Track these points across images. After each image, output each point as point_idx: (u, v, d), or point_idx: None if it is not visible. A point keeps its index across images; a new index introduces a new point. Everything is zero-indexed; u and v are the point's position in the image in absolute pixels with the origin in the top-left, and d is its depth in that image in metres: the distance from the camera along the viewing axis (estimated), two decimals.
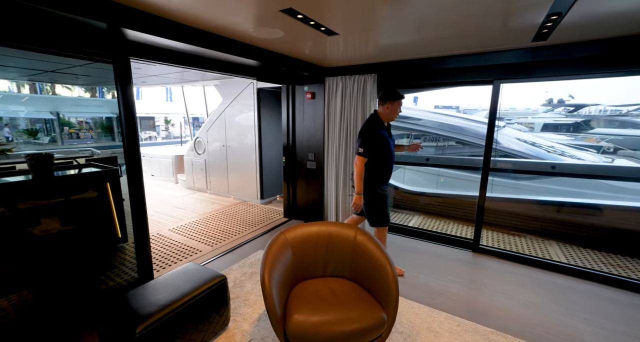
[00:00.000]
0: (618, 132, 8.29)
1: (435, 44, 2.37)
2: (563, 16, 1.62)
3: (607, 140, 7.74)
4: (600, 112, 12.81)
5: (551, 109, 13.87)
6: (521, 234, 3.75)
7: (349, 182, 3.46)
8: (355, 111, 3.23)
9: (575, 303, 2.30)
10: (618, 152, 7.01)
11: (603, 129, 9.18)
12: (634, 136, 7.76)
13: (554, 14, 1.60)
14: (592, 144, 7.49)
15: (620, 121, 9.78)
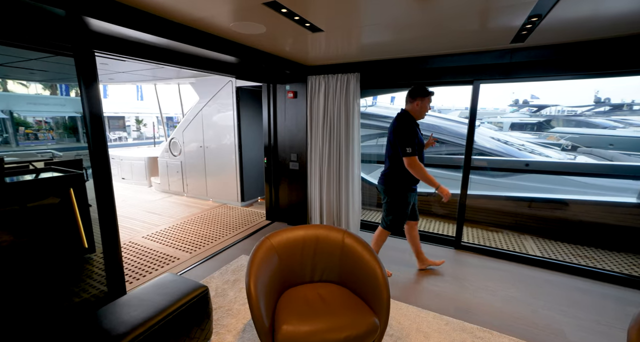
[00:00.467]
0: (575, 131, 8.95)
1: (417, 44, 2.37)
2: (542, 18, 1.66)
3: (566, 138, 8.33)
4: (559, 112, 13.77)
5: (517, 109, 14.72)
6: (498, 229, 3.88)
7: (334, 183, 3.41)
8: (339, 111, 3.19)
9: (552, 295, 2.39)
10: (577, 150, 7.53)
11: (562, 128, 9.88)
12: (588, 135, 8.40)
13: (535, 15, 1.63)
14: (553, 142, 8.01)
15: (576, 121, 10.57)
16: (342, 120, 3.17)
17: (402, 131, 2.29)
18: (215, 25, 1.93)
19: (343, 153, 3.25)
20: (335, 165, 3.34)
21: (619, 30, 1.96)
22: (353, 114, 3.13)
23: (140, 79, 4.77)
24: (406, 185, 2.44)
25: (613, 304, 2.31)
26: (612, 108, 12.51)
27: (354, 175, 3.30)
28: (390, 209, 2.50)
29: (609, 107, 12.69)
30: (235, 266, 2.83)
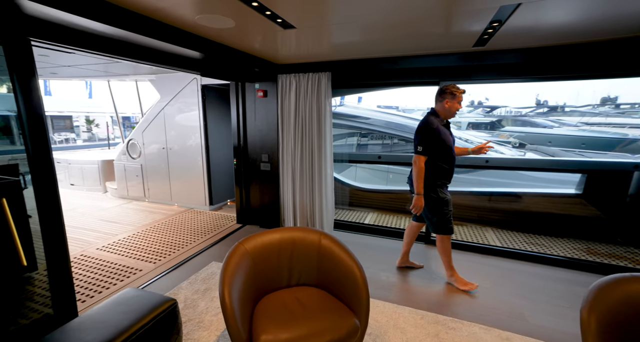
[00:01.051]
0: (521, 130, 9.92)
1: (386, 45, 2.41)
2: (502, 23, 1.76)
3: (514, 136, 9.19)
4: (508, 113, 15.09)
5: (473, 109, 15.86)
6: (462, 223, 4.10)
7: (307, 184, 3.36)
8: (311, 110, 3.15)
9: (513, 282, 2.56)
10: (525, 147, 8.29)
11: (511, 127, 10.87)
12: (532, 133, 9.36)
13: (496, 21, 1.72)
14: (504, 140, 8.75)
15: (522, 121, 11.68)
16: (314, 119, 3.14)
17: (421, 130, 2.27)
18: (177, 16, 1.79)
19: (315, 153, 3.22)
20: (307, 165, 3.30)
21: (559, 39, 2.15)
22: (325, 114, 3.11)
23: (90, 74, 4.33)
24: (436, 181, 2.34)
25: (563, 286, 2.53)
26: (550, 109, 13.99)
27: (326, 175, 3.29)
28: (430, 210, 2.39)
29: (547, 109, 14.19)
30: (206, 274, 2.67)
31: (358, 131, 6.16)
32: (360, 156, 4.51)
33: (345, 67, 3.02)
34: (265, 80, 3.36)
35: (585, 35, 2.08)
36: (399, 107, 18.02)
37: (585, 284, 2.57)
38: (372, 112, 6.09)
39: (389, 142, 6.70)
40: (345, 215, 4.40)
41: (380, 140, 6.82)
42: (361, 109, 6.26)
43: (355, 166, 5.51)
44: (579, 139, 8.62)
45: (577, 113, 13.29)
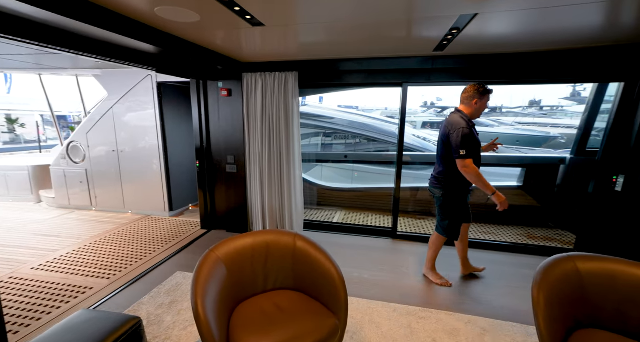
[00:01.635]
0: None
1: (351, 46, 2.45)
2: (460, 31, 1.90)
3: None
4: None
5: (427, 109, 17.01)
6: (424, 217, 4.36)
7: (276, 185, 3.30)
8: (278, 110, 3.09)
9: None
10: None
11: None
12: (480, 132, 10.37)
13: (455, 28, 1.85)
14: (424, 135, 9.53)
15: None
16: (282, 120, 3.08)
17: (457, 133, 2.13)
18: (132, 6, 1.62)
19: (284, 153, 3.17)
20: (276, 166, 3.23)
21: (503, 48, 2.40)
22: (293, 114, 3.08)
23: (15, 66, 3.75)
24: (462, 187, 2.29)
25: (512, 268, 2.83)
26: (490, 110, 15.60)
27: (295, 175, 3.26)
28: (446, 212, 2.35)
29: (488, 109, 15.80)
30: (170, 285, 2.47)
31: (322, 131, 6.21)
32: (328, 156, 4.56)
33: (313, 67, 3.02)
34: (229, 79, 3.22)
35: (521, 46, 2.35)
36: (358, 107, 18.62)
37: (529, 265, 2.89)
38: (336, 112, 6.18)
39: (352, 142, 6.87)
40: (314, 215, 4.41)
41: (343, 140, 6.95)
42: (325, 108, 6.32)
43: (321, 166, 5.55)
44: (514, 136, 9.73)
45: (512, 114, 14.99)
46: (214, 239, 3.43)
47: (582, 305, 1.55)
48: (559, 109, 16.27)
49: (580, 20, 1.75)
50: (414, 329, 1.99)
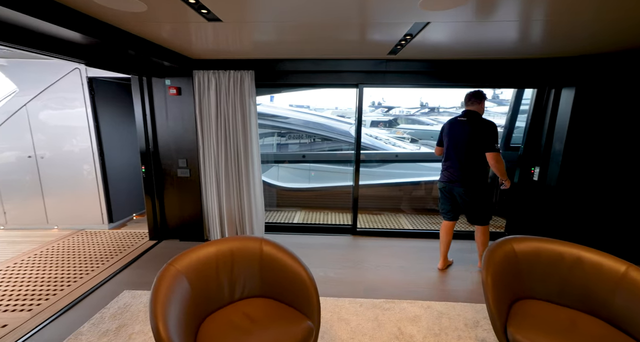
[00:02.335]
0: (412, 127, 11.87)
1: (307, 46, 2.44)
2: (413, 37, 2.03)
3: (407, 133, 10.89)
4: (401, 112, 17.74)
5: (374, 109, 17.95)
6: (380, 212, 4.59)
7: (234, 188, 3.15)
8: (234, 110, 2.95)
9: (425, 258, 3.02)
10: (418, 142, 9.87)
11: (404, 125, 12.84)
12: (420, 130, 11.35)
13: (408, 34, 1.97)
14: (400, 136, 10.25)
15: (412, 119, 13.93)
16: (239, 120, 2.96)
17: (490, 129, 2.44)
18: None
19: (242, 155, 3.05)
20: (233, 168, 3.09)
21: (449, 54, 2.65)
22: (250, 114, 2.97)
23: None
24: (486, 179, 2.61)
25: (460, 254, 3.13)
26: (430, 110, 17.13)
27: (254, 177, 3.16)
28: (483, 205, 2.58)
29: (428, 109, 17.33)
30: (117, 307, 2.21)
31: (276, 131, 6.12)
32: (285, 156, 4.51)
33: (269, 66, 2.95)
34: (178, 76, 2.96)
35: (460, 54, 2.63)
36: (310, 107, 18.80)
37: (472, 249, 3.23)
38: (291, 112, 6.14)
39: (307, 141, 6.91)
40: (274, 216, 4.33)
41: (297, 140, 6.95)
42: (280, 108, 6.23)
43: (277, 166, 5.48)
44: None
45: (447, 113, 16.65)
46: (167, 250, 3.15)
47: (518, 280, 1.79)
48: (484, 110, 18.43)
49: (503, 35, 2.03)
50: (380, 321, 2.08)
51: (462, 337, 1.93)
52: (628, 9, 1.55)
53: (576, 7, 1.51)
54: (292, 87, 3.34)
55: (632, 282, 1.54)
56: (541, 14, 1.62)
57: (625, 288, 1.55)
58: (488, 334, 1.97)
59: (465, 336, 1.95)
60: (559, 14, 1.61)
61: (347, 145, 6.21)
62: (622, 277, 1.58)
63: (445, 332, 1.98)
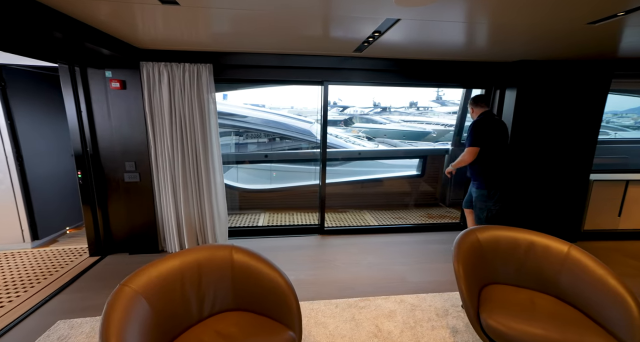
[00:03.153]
0: (366, 126, 12.36)
1: (274, 40, 2.33)
2: (382, 34, 2.04)
3: (362, 131, 11.30)
4: (355, 112, 18.37)
5: (330, 108, 18.26)
6: (345, 209, 4.63)
7: (193, 192, 2.88)
8: (191, 107, 2.68)
9: (391, 253, 3.11)
10: (375, 140, 10.27)
11: (359, 124, 13.30)
12: (373, 128, 11.86)
13: (377, 31, 1.98)
14: (356, 135, 10.59)
15: (366, 118, 14.49)
16: (197, 118, 2.70)
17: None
18: None
19: (201, 157, 2.79)
20: (192, 171, 2.82)
21: (410, 54, 2.75)
22: (209, 112, 2.74)
23: None
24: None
25: (422, 246, 3.29)
26: (382, 109, 18.00)
27: (216, 180, 2.92)
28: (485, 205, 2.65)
29: (380, 109, 18.20)
30: None
31: (233, 130, 5.83)
32: (247, 156, 4.30)
33: (229, 59, 2.74)
34: (122, 67, 2.59)
35: (421, 54, 2.75)
36: (265, 105, 18.38)
37: (434, 241, 3.43)
38: (249, 110, 5.89)
39: (265, 140, 6.70)
40: (237, 220, 4.09)
41: (255, 139, 6.71)
42: (237, 106, 5.93)
43: (237, 167, 5.21)
44: (401, 132, 11.48)
45: (397, 113, 17.66)
46: (114, 267, 2.76)
47: (484, 267, 1.90)
48: (429, 109, 19.98)
49: (461, 38, 2.16)
50: (358, 321, 2.06)
51: (436, 327, 2.00)
52: (545, 29, 1.75)
53: (514, 20, 1.66)
54: (253, 83, 3.15)
55: (573, 262, 1.73)
56: (488, 17, 1.74)
57: (568, 267, 1.74)
58: (457, 321, 2.08)
59: (438, 325, 2.02)
60: (501, 21, 1.76)
61: (307, 144, 6.16)
62: (566, 257, 1.77)
63: (420, 324, 2.03)
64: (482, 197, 2.63)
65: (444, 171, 2.95)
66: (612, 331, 1.45)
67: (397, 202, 4.86)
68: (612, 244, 3.48)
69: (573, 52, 2.58)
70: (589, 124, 3.16)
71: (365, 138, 10.18)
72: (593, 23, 1.81)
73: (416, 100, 21.93)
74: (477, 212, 2.71)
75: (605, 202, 3.49)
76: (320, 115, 3.21)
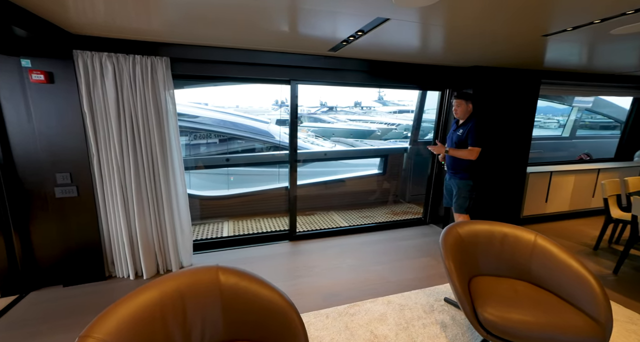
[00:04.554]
0: (315, 126, 12.53)
1: (239, 34, 2.11)
2: (364, 33, 1.99)
3: (311, 130, 11.41)
4: (302, 111, 18.47)
5: (278, 108, 18.01)
6: (312, 211, 4.53)
7: (150, 205, 2.47)
8: (145, 106, 2.28)
9: (367, 254, 3.11)
10: (331, 139, 10.38)
11: (308, 123, 13.40)
12: (322, 128, 12.10)
13: (361, 30, 1.92)
14: (305, 134, 10.62)
15: (314, 118, 14.67)
16: (152, 120, 2.31)
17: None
18: None
19: (159, 164, 2.41)
20: (148, 181, 2.42)
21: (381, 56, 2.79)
22: (167, 113, 2.37)
23: None
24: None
25: (391, 243, 3.37)
26: (329, 109, 18.44)
27: (177, 190, 2.56)
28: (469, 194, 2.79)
29: (327, 108, 18.64)
30: None
31: (187, 131, 5.29)
32: (207, 160, 3.92)
33: (188, 53, 2.40)
34: (47, 56, 2.06)
35: (394, 56, 2.81)
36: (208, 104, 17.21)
37: (401, 237, 3.55)
38: (201, 110, 5.40)
39: (216, 141, 6.23)
40: (198, 232, 3.68)
41: (204, 140, 6.20)
42: (186, 105, 5.38)
43: (189, 172, 4.72)
44: (349, 131, 11.89)
45: (343, 112, 18.25)
46: (42, 307, 2.21)
47: (467, 261, 2.00)
48: (372, 109, 21.06)
49: (432, 41, 2.24)
50: (352, 329, 1.99)
51: (427, 325, 2.04)
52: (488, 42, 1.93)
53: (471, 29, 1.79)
54: (216, 80, 2.84)
55: (540, 249, 1.92)
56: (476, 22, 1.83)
57: (536, 254, 1.91)
58: (444, 315, 2.15)
59: (428, 322, 2.07)
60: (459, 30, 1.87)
61: (262, 144, 5.90)
62: (534, 246, 1.96)
63: (411, 323, 2.05)
64: (468, 187, 2.76)
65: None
66: (582, 309, 1.63)
67: (362, 201, 4.94)
68: (543, 226, 4.05)
69: (517, 61, 2.90)
70: (526, 124, 3.62)
71: (315, 137, 10.23)
72: (546, 35, 2.03)
73: (360, 100, 22.86)
74: (461, 202, 2.81)
75: (536, 191, 4.05)
76: (295, 115, 3.05)
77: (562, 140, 6.64)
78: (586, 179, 4.34)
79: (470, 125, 2.65)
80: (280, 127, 6.20)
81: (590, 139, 7.35)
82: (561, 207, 4.26)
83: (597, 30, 1.89)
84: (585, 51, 2.54)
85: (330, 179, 4.96)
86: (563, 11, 1.59)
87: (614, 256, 3.19)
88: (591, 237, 3.67)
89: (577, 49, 2.44)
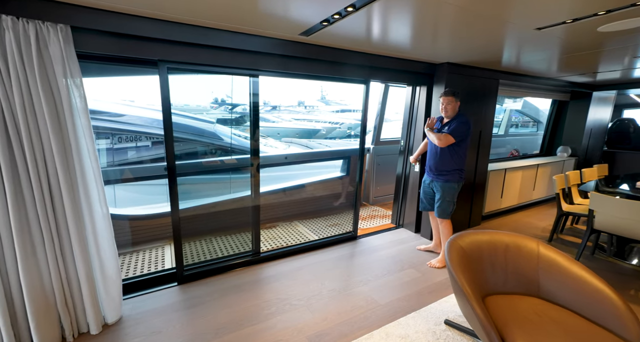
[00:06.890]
0: (260, 125, 12.12)
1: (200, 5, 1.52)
2: (356, 10, 1.57)
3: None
4: (243, 110, 17.58)
5: (218, 106, 16.74)
6: (274, 224, 3.98)
7: (45, 237, 1.67)
8: (30, 97, 1.49)
9: (347, 272, 2.71)
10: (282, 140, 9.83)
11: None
12: (266, 128, 11.60)
13: (352, 5, 1.50)
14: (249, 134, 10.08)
15: (260, 117, 14.13)
16: (45, 121, 1.53)
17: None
18: None
19: (60, 180, 1.63)
20: (39, 206, 1.61)
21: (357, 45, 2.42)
22: (72, 109, 1.61)
23: None
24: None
25: (369, 255, 3.06)
26: (272, 108, 17.85)
27: (92, 213, 1.79)
28: (453, 198, 2.75)
29: (271, 107, 18.03)
30: None
31: (111, 132, 4.23)
32: (139, 171, 3.10)
33: (103, 22, 1.67)
34: None
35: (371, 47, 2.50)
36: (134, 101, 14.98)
37: (379, 247, 3.26)
38: (128, 108, 4.38)
39: (148, 145, 5.20)
40: (132, 265, 2.84)
41: (133, 143, 5.13)
42: (109, 101, 4.31)
43: (113, 186, 3.73)
44: (294, 130, 11.55)
45: (287, 111, 17.84)
46: None
47: (476, 278, 1.74)
48: (315, 108, 21.04)
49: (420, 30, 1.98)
50: None
51: None
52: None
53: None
54: (146, 66, 2.08)
55: (545, 260, 1.73)
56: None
57: (543, 266, 1.73)
58: None
59: None
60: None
61: (205, 147, 5.09)
62: (538, 257, 1.76)
63: None
64: (452, 191, 2.71)
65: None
66: (610, 329, 1.45)
67: (326, 206, 4.54)
68: (500, 220, 4.22)
69: (485, 59, 2.83)
70: (488, 121, 3.66)
71: (264, 137, 9.63)
72: (540, 29, 1.90)
73: (303, 100, 22.60)
74: (445, 206, 2.74)
75: (494, 187, 4.19)
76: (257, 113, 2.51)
77: (499, 137, 7.27)
78: (529, 174, 4.68)
79: (457, 121, 2.58)
80: (231, 128, 5.49)
81: (516, 136, 8.23)
82: (512, 201, 4.51)
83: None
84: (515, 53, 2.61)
85: (292, 185, 4.45)
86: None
87: (567, 247, 3.40)
88: (541, 229, 3.90)
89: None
